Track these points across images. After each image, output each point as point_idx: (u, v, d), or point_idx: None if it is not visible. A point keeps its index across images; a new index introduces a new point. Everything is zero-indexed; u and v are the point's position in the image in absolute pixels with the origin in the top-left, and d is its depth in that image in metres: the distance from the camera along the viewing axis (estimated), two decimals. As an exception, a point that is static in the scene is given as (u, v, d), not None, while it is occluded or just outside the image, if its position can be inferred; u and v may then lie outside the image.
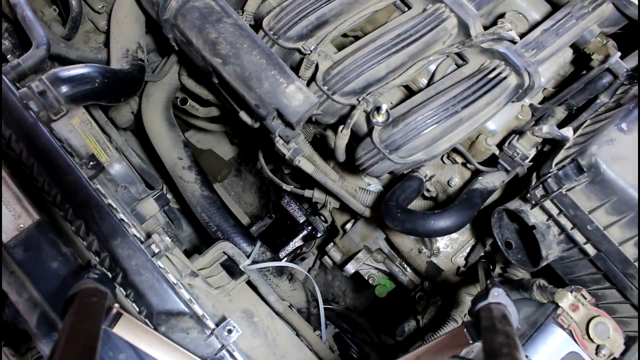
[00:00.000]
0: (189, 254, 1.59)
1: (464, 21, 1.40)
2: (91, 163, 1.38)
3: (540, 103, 1.55)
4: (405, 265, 1.93)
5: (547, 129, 1.32)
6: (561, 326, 1.23)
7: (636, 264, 1.21)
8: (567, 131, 1.31)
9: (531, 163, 1.42)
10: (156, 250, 1.35)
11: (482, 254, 1.70)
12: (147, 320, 1.30)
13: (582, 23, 1.44)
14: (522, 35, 1.42)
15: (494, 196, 1.56)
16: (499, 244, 1.41)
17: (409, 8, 1.51)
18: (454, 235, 1.76)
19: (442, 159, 1.62)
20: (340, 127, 1.41)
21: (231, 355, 1.32)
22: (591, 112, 1.41)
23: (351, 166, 1.49)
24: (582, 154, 1.19)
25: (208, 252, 1.56)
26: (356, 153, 1.42)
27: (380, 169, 1.39)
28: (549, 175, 1.23)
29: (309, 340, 1.64)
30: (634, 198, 1.16)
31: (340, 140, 1.43)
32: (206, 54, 1.39)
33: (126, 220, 1.36)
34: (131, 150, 1.80)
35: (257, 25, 1.54)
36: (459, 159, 1.57)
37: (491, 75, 1.37)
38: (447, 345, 1.08)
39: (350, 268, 1.91)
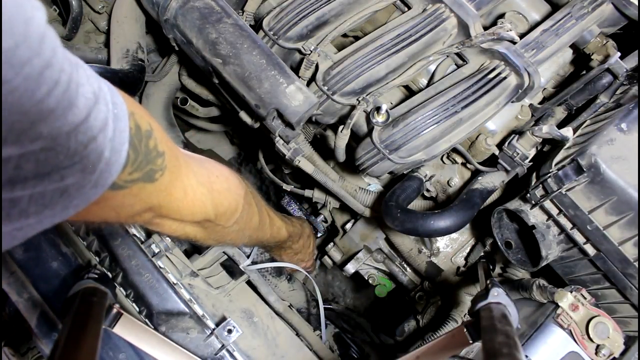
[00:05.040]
0: (189, 253, 1.59)
1: (463, 21, 1.40)
2: (91, 163, 1.38)
3: (540, 103, 1.55)
4: (405, 265, 1.93)
5: (546, 129, 1.32)
6: (561, 326, 1.23)
7: (636, 264, 1.21)
8: (567, 131, 1.31)
9: (531, 163, 1.42)
10: (156, 250, 1.35)
11: (482, 254, 1.70)
12: (147, 320, 1.30)
13: (581, 23, 1.44)
14: (522, 36, 1.42)
15: (494, 196, 1.56)
16: (499, 244, 1.41)
17: (409, 8, 1.51)
18: (453, 235, 1.76)
19: (442, 159, 1.62)
20: (340, 127, 1.41)
21: (231, 355, 1.32)
22: (591, 112, 1.41)
23: (351, 166, 1.49)
24: (582, 154, 1.19)
25: (208, 252, 1.56)
26: (356, 153, 1.42)
27: (380, 169, 1.39)
28: (549, 175, 1.23)
29: (309, 340, 1.64)
30: (633, 198, 1.16)
31: (340, 140, 1.43)
32: (206, 54, 1.39)
33: (126, 220, 1.35)
34: (131, 151, 1.80)
35: (257, 25, 1.54)
36: (459, 159, 1.57)
37: (491, 76, 1.37)
38: (447, 345, 1.08)
39: (350, 268, 1.91)
